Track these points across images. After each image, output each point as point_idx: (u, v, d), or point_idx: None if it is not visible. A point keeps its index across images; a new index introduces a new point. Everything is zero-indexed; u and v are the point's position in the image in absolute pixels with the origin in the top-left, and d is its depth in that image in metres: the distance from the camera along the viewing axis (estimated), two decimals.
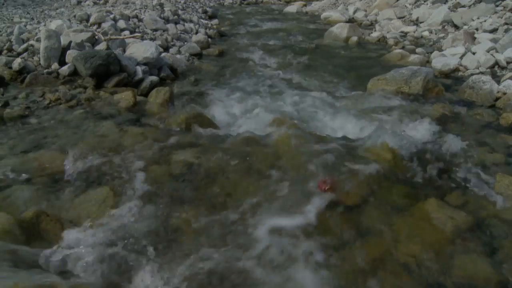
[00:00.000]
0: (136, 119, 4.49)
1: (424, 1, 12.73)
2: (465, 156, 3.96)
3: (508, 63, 6.91)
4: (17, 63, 5.59)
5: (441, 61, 7.26)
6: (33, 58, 5.97)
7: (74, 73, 5.69)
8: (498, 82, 5.96)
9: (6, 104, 4.66)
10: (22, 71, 5.58)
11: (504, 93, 5.60)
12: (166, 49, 7.85)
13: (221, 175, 3.37)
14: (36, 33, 6.67)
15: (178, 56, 7.41)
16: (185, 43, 8.56)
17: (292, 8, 16.77)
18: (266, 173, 3.40)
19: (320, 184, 3.22)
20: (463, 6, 10.73)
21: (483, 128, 4.77)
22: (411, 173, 3.60)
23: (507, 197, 3.29)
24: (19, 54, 6.07)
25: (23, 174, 3.28)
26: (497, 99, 5.59)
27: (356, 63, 7.91)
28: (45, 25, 7.36)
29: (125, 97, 4.91)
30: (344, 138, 4.28)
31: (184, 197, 3.11)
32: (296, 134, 4.04)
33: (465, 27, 9.36)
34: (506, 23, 8.58)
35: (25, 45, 6.22)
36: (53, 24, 6.96)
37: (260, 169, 3.46)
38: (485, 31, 8.65)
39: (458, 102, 5.62)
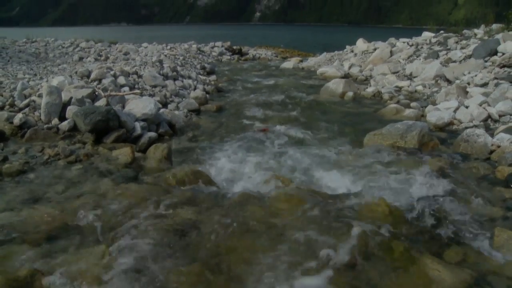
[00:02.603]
0: (134, 176, 4.52)
1: (417, 57, 13.16)
2: (462, 210, 3.96)
3: (500, 116, 7.08)
4: (18, 118, 5.68)
5: (435, 115, 7.43)
6: (34, 114, 6.07)
7: (74, 128, 5.77)
8: (492, 135, 6.08)
9: (5, 159, 4.69)
10: (23, 126, 5.67)
11: (499, 146, 5.68)
12: (165, 105, 7.99)
13: (218, 234, 3.36)
14: (38, 89, 6.81)
15: (176, 112, 7.55)
16: (184, 99, 8.74)
17: (288, 64, 17.17)
18: (262, 233, 3.40)
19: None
20: (454, 61, 11.11)
21: (479, 181, 4.79)
22: (408, 228, 3.59)
23: (506, 252, 3.24)
24: (20, 110, 6.18)
25: (19, 231, 3.27)
26: (491, 152, 5.67)
27: (352, 118, 8.07)
28: (47, 81, 7.53)
29: (123, 153, 4.96)
30: (341, 194, 4.31)
31: (182, 256, 3.09)
32: (293, 191, 4.08)
33: (457, 81, 9.64)
34: (495, 78, 8.88)
35: (27, 101, 6.34)
36: (55, 80, 7.12)
37: (257, 229, 3.46)
38: (476, 85, 8.92)
39: (453, 155, 5.68)
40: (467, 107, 7.64)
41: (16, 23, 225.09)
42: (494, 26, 14.13)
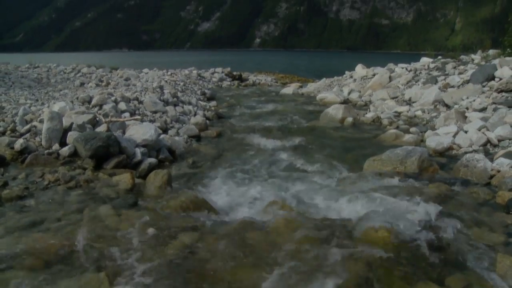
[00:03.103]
0: (134, 202, 4.52)
1: (416, 82, 13.27)
2: (463, 236, 3.93)
3: (499, 140, 7.10)
4: (19, 143, 5.70)
5: (435, 140, 7.44)
6: (35, 139, 6.09)
7: (74, 154, 5.78)
8: (492, 160, 6.08)
9: (5, 184, 4.69)
10: (24, 151, 5.68)
11: (498, 171, 5.68)
12: (165, 131, 8.02)
13: (217, 261, 3.34)
14: (40, 115, 6.85)
15: (176, 138, 7.57)
16: (184, 125, 8.77)
17: (288, 90, 17.27)
18: (262, 260, 3.38)
19: None
20: (452, 87, 11.21)
21: (480, 206, 4.76)
22: (409, 255, 3.55)
23: (510, 279, 3.18)
24: (21, 135, 6.20)
25: (18, 257, 3.25)
26: (491, 176, 5.65)
27: (352, 144, 8.08)
28: (48, 106, 7.58)
29: (123, 179, 4.97)
30: (341, 220, 4.29)
31: (181, 283, 3.06)
32: (293, 217, 4.06)
33: (456, 106, 9.71)
34: (493, 103, 8.94)
35: (28, 126, 6.37)
36: (56, 106, 7.16)
37: (258, 256, 3.44)
38: (475, 110, 8.98)
39: (453, 180, 5.66)
40: (466, 132, 7.68)
41: (20, 49, 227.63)
42: (491, 51, 14.32)
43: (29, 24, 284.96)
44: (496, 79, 10.25)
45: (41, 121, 6.34)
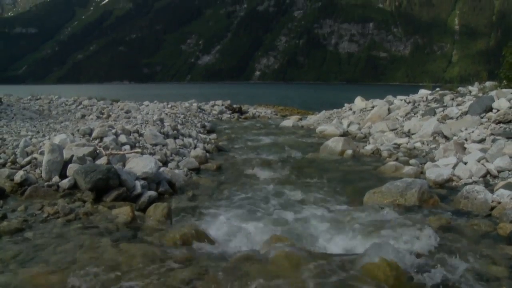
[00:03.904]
0: (133, 235, 4.49)
1: (414, 114, 13.37)
2: (465, 269, 3.87)
3: (499, 172, 7.09)
4: (19, 175, 5.71)
5: (434, 172, 7.43)
6: (35, 171, 6.11)
7: (74, 186, 5.78)
8: (492, 191, 6.05)
9: (4, 217, 4.68)
10: (24, 183, 5.68)
11: (499, 202, 5.64)
12: (165, 163, 8.03)
13: None
14: (40, 147, 6.88)
15: (176, 171, 7.57)
16: (184, 157, 8.79)
17: (288, 123, 17.34)
18: None
19: None
20: (451, 118, 11.29)
21: (481, 239, 4.72)
22: None
23: None
24: (22, 167, 6.22)
25: None
26: (492, 208, 5.62)
27: (352, 176, 8.06)
28: (49, 138, 7.62)
29: (123, 212, 4.95)
30: (342, 254, 4.25)
31: None
32: (293, 251, 4.03)
33: (455, 137, 9.74)
34: (492, 134, 8.98)
35: (28, 158, 6.40)
36: (57, 138, 7.21)
37: None
38: (473, 141, 9.01)
39: (454, 212, 5.63)
40: (465, 163, 7.68)
41: (23, 81, 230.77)
42: (488, 83, 14.50)
43: (33, 56, 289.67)
44: (494, 111, 10.34)
45: (42, 153, 6.36)
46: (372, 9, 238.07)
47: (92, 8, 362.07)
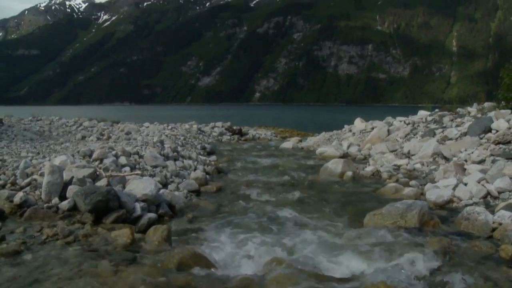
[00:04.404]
0: (133, 257, 4.45)
1: (414, 135, 13.38)
2: None
3: (499, 192, 7.05)
4: (18, 197, 5.70)
5: (435, 193, 7.40)
6: (34, 192, 6.10)
7: (74, 208, 5.76)
8: (493, 213, 6.01)
9: (2, 239, 4.65)
10: (23, 205, 5.67)
11: (500, 224, 5.60)
12: (165, 185, 8.02)
13: None
14: (41, 168, 6.88)
15: (176, 193, 7.55)
16: (184, 179, 8.77)
17: (288, 144, 17.28)
18: None
19: None
20: (451, 139, 11.29)
21: (483, 260, 4.66)
22: None
23: None
24: (22, 188, 6.22)
25: None
26: (493, 229, 5.57)
27: (352, 198, 8.04)
28: (50, 160, 7.63)
29: (122, 234, 4.93)
30: (342, 276, 4.22)
31: None
32: (293, 274, 4.01)
33: (455, 158, 9.73)
34: (492, 155, 8.98)
35: (28, 179, 6.40)
36: (57, 160, 7.21)
37: None
38: (473, 162, 8.99)
39: (455, 234, 5.59)
40: (465, 184, 7.66)
41: (24, 102, 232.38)
42: (486, 104, 14.57)
43: (34, 78, 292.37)
44: (493, 131, 10.37)
45: (42, 175, 6.36)
46: (371, 31, 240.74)
47: (94, 30, 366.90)
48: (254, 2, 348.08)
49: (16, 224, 5.23)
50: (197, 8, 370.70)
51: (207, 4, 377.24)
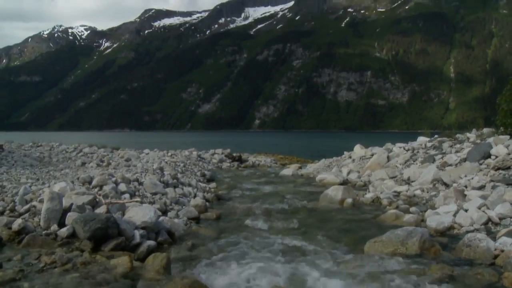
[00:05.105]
0: (131, 286, 4.40)
1: (414, 161, 13.39)
2: None
3: (500, 219, 7.01)
4: (17, 224, 5.67)
5: (435, 220, 7.36)
6: (33, 219, 6.08)
7: (73, 235, 5.72)
8: (494, 239, 5.96)
9: None
10: (21, 231, 5.64)
11: (502, 251, 5.55)
12: (165, 212, 7.97)
13: None
14: (40, 194, 6.88)
15: (176, 220, 7.50)
16: (183, 207, 8.72)
17: (288, 171, 17.24)
18: None
19: None
20: (450, 165, 11.29)
21: None
22: None
23: None
24: (20, 215, 6.19)
25: None
26: (496, 256, 5.51)
27: (352, 225, 7.99)
28: (49, 186, 7.62)
29: (121, 262, 4.88)
30: None
31: None
32: None
33: (455, 184, 9.71)
34: (492, 180, 8.97)
35: (27, 206, 6.38)
36: (57, 186, 7.20)
37: None
38: (473, 188, 8.97)
39: (456, 261, 5.55)
40: (466, 210, 7.63)
41: (25, 128, 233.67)
42: (485, 130, 14.65)
43: (36, 104, 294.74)
44: (492, 157, 10.40)
45: (41, 201, 6.35)
46: (370, 58, 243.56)
47: (95, 57, 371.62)
48: (254, 29, 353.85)
49: (13, 251, 5.18)
50: (198, 35, 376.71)
51: (207, 31, 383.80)
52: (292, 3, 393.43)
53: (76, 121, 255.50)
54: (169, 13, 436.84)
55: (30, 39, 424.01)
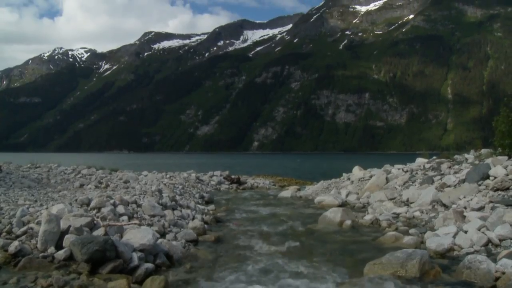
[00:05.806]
0: None
1: (412, 183, 13.38)
2: None
3: (500, 240, 6.99)
4: (13, 246, 5.64)
5: (435, 241, 7.32)
6: (30, 241, 6.04)
7: (70, 257, 5.70)
8: (495, 261, 5.91)
9: None
10: (18, 254, 5.61)
11: (503, 273, 5.50)
12: (163, 235, 7.91)
13: None
14: (37, 216, 6.85)
15: (174, 242, 7.44)
16: (182, 229, 8.66)
17: (286, 193, 17.20)
18: None
19: None
20: (449, 186, 11.29)
21: None
22: None
23: None
24: (17, 237, 6.16)
25: None
26: (497, 279, 5.47)
27: (351, 248, 7.95)
28: (47, 208, 7.59)
29: (119, 285, 4.85)
30: None
31: None
32: None
33: (454, 206, 9.71)
34: (491, 201, 8.97)
35: (24, 228, 6.35)
36: (55, 208, 7.18)
37: None
38: (473, 209, 8.97)
39: (457, 284, 5.51)
40: (466, 232, 7.60)
41: (23, 148, 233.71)
42: (483, 151, 14.70)
43: (35, 125, 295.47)
44: (491, 178, 10.42)
45: (39, 223, 6.32)
46: (368, 80, 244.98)
47: (94, 79, 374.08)
48: (253, 52, 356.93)
49: (9, 274, 5.14)
50: (197, 58, 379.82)
51: (206, 54, 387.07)
52: (290, 26, 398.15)
53: (75, 142, 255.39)
54: (169, 36, 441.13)
55: (30, 61, 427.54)
